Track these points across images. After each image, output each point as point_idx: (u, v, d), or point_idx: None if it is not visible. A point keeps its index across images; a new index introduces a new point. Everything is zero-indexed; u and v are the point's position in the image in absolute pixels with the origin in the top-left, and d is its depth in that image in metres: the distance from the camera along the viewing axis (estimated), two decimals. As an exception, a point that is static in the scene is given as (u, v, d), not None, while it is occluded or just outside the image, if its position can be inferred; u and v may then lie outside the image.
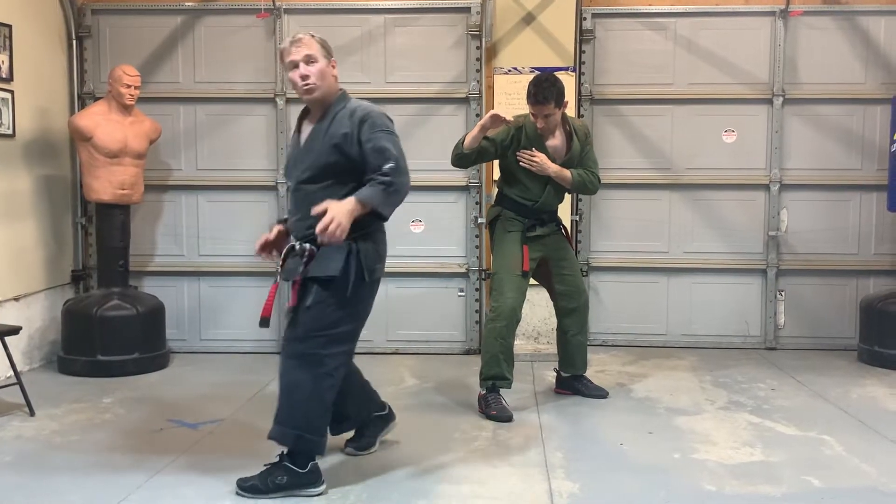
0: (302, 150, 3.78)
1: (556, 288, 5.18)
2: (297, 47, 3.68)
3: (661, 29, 6.61)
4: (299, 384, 3.66)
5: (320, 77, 3.69)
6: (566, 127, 5.04)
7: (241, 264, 6.62)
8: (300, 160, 3.77)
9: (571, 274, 5.15)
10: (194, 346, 6.62)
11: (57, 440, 4.43)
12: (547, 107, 4.81)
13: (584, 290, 5.22)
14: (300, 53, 3.67)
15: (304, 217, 3.66)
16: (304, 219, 3.67)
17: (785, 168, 6.61)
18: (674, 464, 4.06)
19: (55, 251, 6.31)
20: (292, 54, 3.68)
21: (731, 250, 6.68)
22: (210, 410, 4.94)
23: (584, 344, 5.26)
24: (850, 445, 4.31)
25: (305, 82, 3.67)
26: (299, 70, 3.67)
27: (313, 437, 3.68)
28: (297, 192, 3.76)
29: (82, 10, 6.51)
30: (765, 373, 5.91)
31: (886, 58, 6.54)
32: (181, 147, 6.62)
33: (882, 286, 6.51)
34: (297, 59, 3.67)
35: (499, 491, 3.71)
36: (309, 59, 3.68)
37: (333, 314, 3.67)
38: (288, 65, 3.71)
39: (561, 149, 5.00)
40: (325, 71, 3.72)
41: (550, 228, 5.10)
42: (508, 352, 4.91)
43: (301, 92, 3.72)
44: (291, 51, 3.69)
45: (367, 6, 6.49)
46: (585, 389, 5.26)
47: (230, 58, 6.55)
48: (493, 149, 4.93)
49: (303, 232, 3.69)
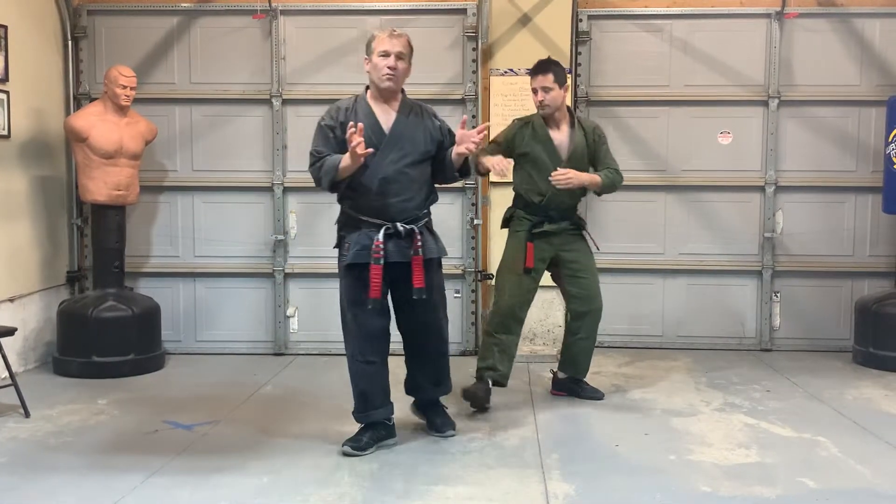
0: (394, 137, 4.12)
1: (567, 290, 5.18)
2: (397, 40, 4.09)
3: (657, 31, 6.62)
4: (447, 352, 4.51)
5: (403, 74, 4.15)
6: (571, 122, 5.08)
7: (236, 265, 6.62)
8: (394, 146, 4.12)
9: (585, 277, 5.12)
10: (190, 348, 6.61)
11: (52, 441, 4.42)
12: (546, 77, 4.88)
13: (597, 295, 5.15)
14: (396, 47, 4.07)
15: (409, 198, 4.13)
16: (408, 200, 4.12)
17: (780, 170, 6.62)
18: (669, 465, 4.07)
19: (50, 252, 6.30)
20: (388, 45, 4.07)
21: (727, 252, 6.69)
22: (205, 412, 4.93)
23: (591, 349, 5.24)
24: (845, 447, 4.31)
25: (391, 74, 4.07)
26: (389, 61, 4.06)
27: None
28: (401, 176, 4.12)
29: (78, 10, 6.50)
30: (760, 374, 5.91)
31: (881, 60, 6.55)
32: (177, 148, 6.61)
33: (877, 288, 6.52)
34: (391, 51, 4.06)
35: (494, 492, 3.71)
36: (401, 55, 4.09)
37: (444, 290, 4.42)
38: (379, 51, 4.07)
39: (565, 142, 5.03)
40: (408, 69, 4.19)
41: (562, 226, 5.06)
42: (502, 345, 4.98)
43: (381, 80, 4.09)
44: (389, 41, 4.07)
45: (363, 7, 6.49)
46: (582, 392, 5.25)
47: (226, 59, 6.55)
48: (499, 151, 5.01)
49: (410, 213, 4.14)
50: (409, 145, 4.14)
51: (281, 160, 6.54)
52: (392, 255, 4.07)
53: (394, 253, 4.08)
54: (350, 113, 4.15)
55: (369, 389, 4.23)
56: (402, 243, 4.09)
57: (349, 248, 4.14)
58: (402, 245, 4.09)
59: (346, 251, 4.16)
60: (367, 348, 4.21)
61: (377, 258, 4.03)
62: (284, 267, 6.58)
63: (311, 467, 4.01)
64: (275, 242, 6.57)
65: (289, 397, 5.33)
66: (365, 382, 4.23)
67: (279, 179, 6.54)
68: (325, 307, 6.60)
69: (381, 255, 4.02)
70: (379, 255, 4.02)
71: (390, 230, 4.07)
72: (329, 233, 6.51)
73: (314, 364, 6.28)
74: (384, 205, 4.09)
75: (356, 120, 4.03)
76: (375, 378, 4.25)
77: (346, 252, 4.16)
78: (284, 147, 6.55)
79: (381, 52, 4.07)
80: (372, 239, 4.06)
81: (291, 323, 6.61)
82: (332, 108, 4.25)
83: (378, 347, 4.24)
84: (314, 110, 6.50)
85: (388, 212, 4.09)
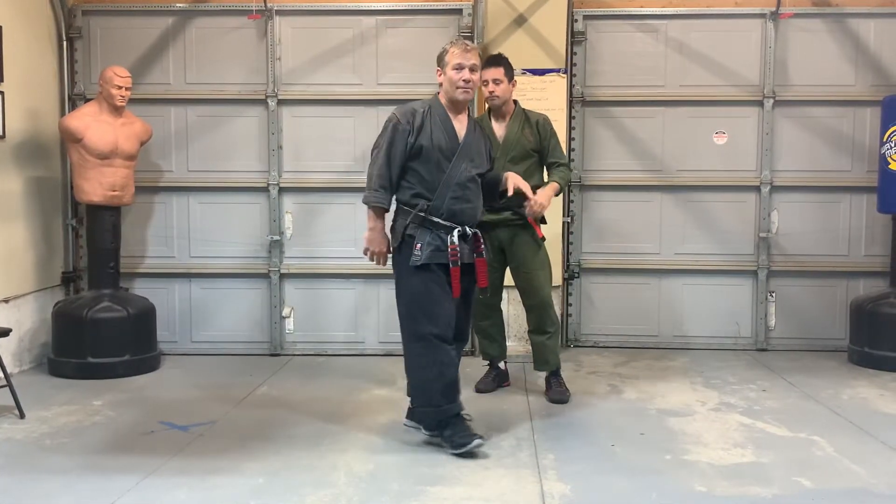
0: (466, 146, 4.30)
1: (515, 285, 5.28)
2: (471, 53, 4.26)
3: (653, 31, 6.62)
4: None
5: (475, 86, 4.33)
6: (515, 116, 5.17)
7: (232, 266, 6.61)
8: (466, 155, 4.30)
9: (526, 271, 5.16)
10: (185, 348, 6.60)
11: (47, 443, 4.41)
12: (497, 70, 5.05)
13: (540, 288, 5.17)
14: (470, 60, 4.24)
15: (476, 205, 4.34)
16: (475, 207, 4.34)
17: (776, 170, 6.63)
18: (665, 465, 4.07)
19: (45, 253, 6.28)
20: (463, 58, 4.23)
21: (722, 252, 6.70)
22: (201, 412, 4.93)
23: (544, 343, 5.20)
24: (840, 446, 4.32)
25: (467, 87, 4.25)
26: (464, 74, 4.23)
27: None
28: (472, 183, 4.31)
29: (73, 10, 6.49)
30: (756, 374, 5.92)
31: (876, 60, 6.56)
32: (172, 148, 6.60)
33: (872, 287, 6.53)
34: (466, 64, 4.23)
35: (491, 492, 3.71)
36: (475, 67, 4.27)
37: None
38: (453, 65, 4.23)
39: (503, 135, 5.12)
40: (478, 82, 4.41)
41: (502, 217, 5.08)
42: (483, 332, 5.41)
43: (457, 92, 4.26)
44: (464, 55, 4.23)
45: (358, 8, 6.49)
46: (549, 391, 5.24)
47: (221, 59, 6.54)
48: None
49: (474, 219, 4.34)
50: (477, 156, 4.38)
51: (276, 160, 6.54)
52: (464, 257, 4.26)
53: (464, 254, 4.26)
54: (426, 117, 4.27)
55: (452, 382, 4.28)
56: (467, 246, 4.28)
57: (421, 249, 4.20)
58: (466, 248, 4.29)
59: (417, 251, 4.21)
60: (443, 346, 4.23)
61: (454, 260, 4.21)
62: (280, 267, 6.58)
63: (307, 468, 4.01)
64: (270, 243, 6.56)
65: (285, 398, 5.32)
66: (448, 373, 4.26)
67: (275, 180, 6.53)
68: (321, 308, 6.62)
69: (458, 257, 4.22)
70: (456, 257, 4.21)
71: (461, 233, 4.24)
72: (323, 233, 6.59)
73: (310, 365, 6.27)
74: (459, 209, 4.25)
75: (432, 124, 4.26)
76: (453, 375, 4.29)
77: (417, 252, 4.21)
78: (280, 147, 6.54)
79: (455, 65, 4.23)
80: (444, 240, 4.21)
81: (287, 323, 6.61)
82: (407, 110, 4.31)
83: (449, 341, 4.28)
84: (310, 111, 6.55)
85: (460, 216, 4.26)
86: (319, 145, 6.56)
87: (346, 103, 6.53)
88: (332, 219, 6.58)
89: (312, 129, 6.55)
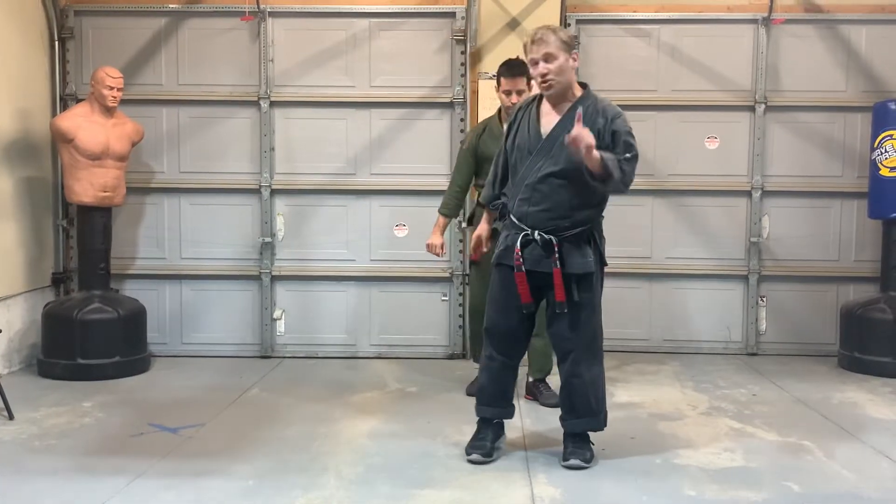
0: (549, 143, 3.96)
1: None
2: (538, 46, 3.89)
3: (645, 36, 6.64)
4: (599, 377, 4.14)
5: (559, 73, 3.89)
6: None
7: (223, 267, 6.60)
8: (546, 153, 3.95)
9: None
10: (176, 350, 6.58)
11: (36, 444, 4.39)
12: (521, 80, 4.95)
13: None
14: (539, 52, 3.89)
15: (549, 208, 3.94)
16: (548, 210, 3.95)
17: (767, 175, 6.65)
18: (655, 469, 4.07)
19: (36, 253, 6.26)
20: (532, 52, 3.91)
21: (714, 256, 6.72)
22: (191, 415, 4.91)
23: (544, 346, 5.09)
24: (830, 451, 4.33)
25: (544, 79, 3.89)
26: (538, 69, 3.90)
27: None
28: (542, 184, 3.96)
29: (65, 11, 6.47)
30: (746, 378, 5.93)
31: (867, 66, 6.59)
32: (164, 149, 6.58)
33: (862, 293, 6.55)
34: (537, 58, 3.89)
35: (481, 496, 3.71)
36: (548, 56, 3.87)
37: (596, 306, 4.11)
38: (529, 61, 3.95)
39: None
40: (564, 66, 3.91)
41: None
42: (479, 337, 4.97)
43: (540, 88, 3.96)
44: (534, 49, 3.91)
45: (352, 10, 6.48)
46: (540, 396, 5.22)
47: (214, 60, 6.53)
48: (472, 167, 5.28)
49: (545, 224, 3.95)
50: (560, 153, 3.91)
51: (268, 162, 6.53)
52: (527, 262, 3.98)
53: (528, 260, 3.98)
54: (524, 113, 4.12)
55: (486, 385, 4.23)
56: (540, 252, 3.97)
57: (498, 246, 4.16)
58: (539, 254, 3.98)
59: (497, 248, 4.18)
60: (490, 344, 4.20)
61: (518, 265, 3.98)
62: (271, 269, 6.57)
63: (298, 471, 3.99)
64: (262, 245, 6.55)
65: (275, 400, 5.31)
66: (485, 377, 4.23)
67: (266, 181, 6.52)
68: (313, 310, 6.61)
69: (521, 261, 3.97)
70: (520, 262, 3.97)
71: (528, 237, 3.99)
72: (315, 236, 6.59)
73: (301, 367, 6.26)
74: (526, 212, 4.01)
75: (528, 120, 4.05)
76: (496, 377, 4.21)
77: (496, 249, 4.18)
78: (272, 149, 6.53)
79: (529, 60, 3.97)
80: (515, 242, 4.01)
81: (278, 325, 6.59)
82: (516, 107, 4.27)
83: (502, 347, 4.17)
84: (302, 112, 6.55)
85: (528, 219, 4.00)
86: (312, 147, 6.55)
87: (338, 105, 6.52)
88: (324, 221, 6.58)
89: (305, 131, 6.55)
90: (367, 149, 6.54)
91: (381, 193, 6.54)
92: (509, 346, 4.19)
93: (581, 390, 4.09)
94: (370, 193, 6.49)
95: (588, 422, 4.13)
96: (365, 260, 6.58)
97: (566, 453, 4.11)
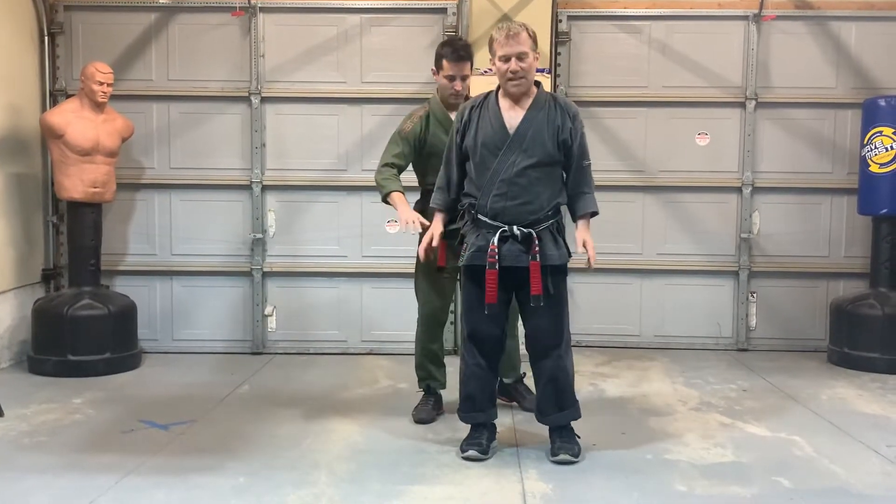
0: (518, 138, 3.98)
1: None
2: (514, 40, 3.91)
3: (636, 32, 6.65)
4: (570, 369, 4.15)
5: (529, 71, 3.96)
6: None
7: (213, 264, 6.58)
8: (517, 148, 3.97)
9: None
10: (166, 347, 6.57)
11: (26, 441, 4.38)
12: (466, 65, 4.70)
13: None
14: (514, 50, 3.91)
15: (528, 201, 3.97)
16: (527, 203, 3.97)
17: (757, 171, 6.67)
18: (646, 464, 4.09)
19: (26, 250, 6.23)
20: (507, 48, 3.92)
21: (704, 252, 6.73)
22: (182, 411, 4.90)
23: (515, 347, 4.93)
24: (819, 446, 4.35)
25: (513, 78, 3.93)
26: (510, 65, 3.91)
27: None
28: (520, 178, 3.97)
29: (55, 6, 6.44)
30: (736, 374, 5.95)
31: (857, 62, 6.61)
32: (154, 145, 6.56)
33: (852, 288, 6.58)
34: (511, 54, 3.91)
35: (472, 492, 3.72)
36: (522, 55, 3.92)
37: (566, 297, 4.15)
38: (499, 56, 3.95)
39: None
40: (533, 64, 3.99)
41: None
42: (432, 355, 4.85)
43: (507, 85, 3.97)
44: (507, 44, 3.92)
45: (343, 6, 6.47)
46: (524, 401, 4.97)
47: (204, 56, 6.51)
48: (411, 155, 4.73)
49: (525, 217, 3.98)
50: (533, 146, 3.97)
51: (259, 158, 6.51)
52: (505, 259, 3.95)
53: (507, 257, 3.96)
54: (476, 111, 4.09)
55: (476, 393, 4.19)
56: (520, 247, 3.97)
57: (466, 250, 4.08)
58: (518, 249, 3.97)
59: (464, 251, 4.10)
60: (477, 351, 4.15)
61: (491, 262, 3.93)
62: (262, 266, 6.56)
63: (289, 467, 3.99)
64: (253, 241, 6.54)
65: (266, 397, 5.31)
66: (472, 385, 4.18)
67: (258, 177, 6.51)
68: (304, 306, 6.60)
69: (496, 259, 3.93)
70: (494, 259, 3.93)
71: (506, 233, 3.96)
72: (306, 232, 6.59)
73: (292, 363, 6.26)
74: (503, 207, 3.97)
75: (480, 119, 4.02)
76: (484, 382, 4.19)
77: (464, 252, 4.09)
78: (263, 145, 6.52)
79: (500, 56, 3.94)
80: (489, 241, 3.97)
81: (269, 322, 6.58)
82: (461, 107, 4.21)
83: (487, 352, 4.15)
84: (293, 108, 6.53)
85: (505, 214, 3.97)
86: (303, 143, 6.54)
87: (330, 101, 6.51)
88: (316, 217, 6.57)
89: (296, 127, 6.54)
90: (358, 145, 6.53)
91: (373, 190, 6.48)
92: (496, 351, 4.21)
93: (566, 383, 4.14)
94: (362, 190, 6.48)
95: (571, 412, 4.18)
96: (356, 256, 6.57)
97: (554, 448, 4.13)
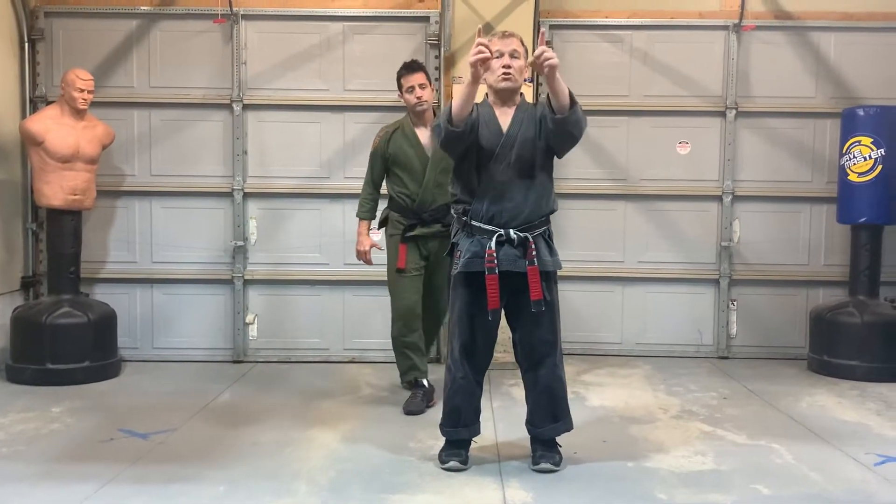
0: (510, 139, 3.99)
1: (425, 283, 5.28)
2: (509, 39, 3.99)
3: (618, 41, 6.68)
4: (564, 378, 4.16)
5: (519, 72, 4.02)
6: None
7: (194, 271, 6.55)
8: (511, 149, 3.97)
9: (435, 286, 5.28)
10: (146, 355, 6.53)
11: (3, 450, 4.34)
12: (418, 75, 5.09)
13: (440, 304, 5.31)
14: (509, 46, 3.97)
15: (523, 203, 3.95)
16: (523, 205, 3.95)
17: (737, 180, 6.71)
18: (626, 472, 4.10)
19: (4, 257, 6.18)
20: (501, 45, 3.97)
21: (685, 260, 6.77)
22: (162, 420, 4.87)
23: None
24: (798, 454, 4.38)
25: (507, 73, 3.95)
26: (504, 60, 3.95)
27: None
28: (517, 180, 3.97)
29: (35, 12, 6.41)
30: (717, 381, 5.98)
31: (836, 72, 6.67)
32: (135, 152, 6.53)
33: (831, 297, 6.63)
34: (505, 51, 3.96)
35: (453, 500, 3.71)
36: (514, 54, 3.98)
37: (558, 305, 4.16)
38: (495, 52, 3.94)
39: (429, 142, 5.10)
40: (523, 69, 4.05)
41: (434, 230, 5.14)
42: (412, 346, 5.18)
43: (498, 81, 3.98)
44: (502, 42, 3.98)
45: (325, 13, 6.47)
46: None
47: (186, 63, 6.49)
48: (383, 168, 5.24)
49: (524, 220, 3.96)
50: (524, 147, 3.98)
51: (241, 165, 6.50)
52: (503, 264, 3.90)
53: (504, 261, 3.91)
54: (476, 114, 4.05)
55: (462, 406, 4.12)
56: (515, 252, 3.93)
57: (461, 256, 4.00)
58: (514, 254, 3.93)
59: (457, 259, 4.03)
60: (467, 364, 4.09)
61: (491, 267, 3.89)
62: (244, 273, 6.53)
63: (269, 476, 3.98)
64: (234, 248, 6.51)
65: (247, 405, 5.28)
66: (459, 398, 4.11)
67: (239, 185, 6.49)
68: (285, 314, 6.58)
69: (495, 263, 3.88)
70: (493, 263, 3.88)
71: (502, 237, 3.92)
72: (288, 239, 6.57)
73: (273, 372, 6.23)
74: (499, 210, 3.95)
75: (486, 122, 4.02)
76: (471, 396, 4.14)
77: (457, 260, 4.02)
78: (245, 152, 6.51)
79: (496, 51, 3.93)
80: (484, 246, 3.92)
81: (250, 330, 6.56)
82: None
83: (477, 364, 4.11)
84: (275, 115, 6.52)
85: (501, 217, 3.95)
86: (285, 151, 6.53)
87: (312, 108, 6.51)
88: (298, 225, 6.56)
89: (278, 135, 6.53)
90: (340, 153, 6.53)
91: (355, 197, 6.48)
92: (485, 364, 4.17)
93: (562, 393, 4.13)
94: (344, 197, 6.47)
95: (564, 423, 4.15)
96: (338, 264, 6.56)
97: (536, 457, 4.12)
